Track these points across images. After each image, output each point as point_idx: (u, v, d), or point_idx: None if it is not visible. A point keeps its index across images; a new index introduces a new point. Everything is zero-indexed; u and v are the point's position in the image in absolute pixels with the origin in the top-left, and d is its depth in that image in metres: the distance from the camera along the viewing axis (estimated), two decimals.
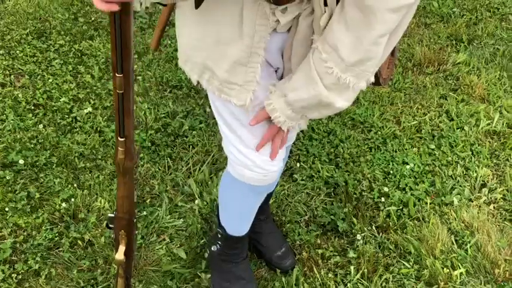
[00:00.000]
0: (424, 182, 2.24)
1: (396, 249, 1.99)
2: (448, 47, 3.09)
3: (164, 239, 1.96)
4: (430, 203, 2.15)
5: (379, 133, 2.47)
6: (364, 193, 2.18)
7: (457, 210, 2.14)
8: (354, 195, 2.16)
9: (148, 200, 2.09)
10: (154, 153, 2.29)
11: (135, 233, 1.27)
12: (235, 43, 1.19)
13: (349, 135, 2.44)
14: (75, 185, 2.12)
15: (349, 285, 1.85)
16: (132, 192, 1.18)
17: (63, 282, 1.80)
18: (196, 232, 1.98)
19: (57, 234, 1.93)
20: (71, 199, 2.05)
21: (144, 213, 2.03)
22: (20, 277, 1.80)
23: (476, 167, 2.33)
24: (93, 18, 3.12)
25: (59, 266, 1.85)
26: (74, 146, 2.27)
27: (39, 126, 2.36)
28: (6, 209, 2.00)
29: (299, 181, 2.21)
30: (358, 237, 2.00)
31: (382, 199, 2.15)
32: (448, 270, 1.90)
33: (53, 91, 2.54)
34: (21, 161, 2.17)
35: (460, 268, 1.92)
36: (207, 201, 2.08)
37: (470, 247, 1.99)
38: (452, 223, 2.09)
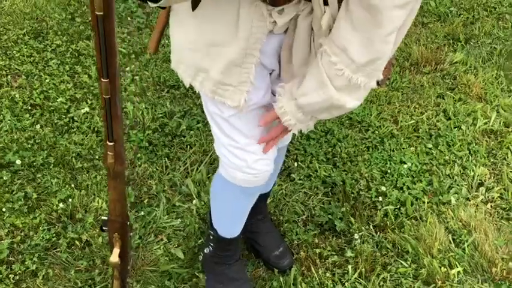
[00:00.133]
0: (421, 181, 2.25)
1: (394, 249, 1.99)
2: (445, 46, 3.09)
3: (162, 239, 1.96)
4: (427, 202, 2.16)
5: (377, 132, 2.47)
6: (361, 192, 2.18)
7: (454, 209, 2.14)
8: (352, 195, 2.16)
9: (146, 200, 2.09)
10: (152, 153, 2.28)
11: (130, 235, 1.27)
12: (230, 44, 1.18)
13: (347, 135, 2.44)
14: (73, 185, 2.11)
15: (346, 285, 1.86)
16: (123, 195, 1.17)
17: (61, 283, 1.80)
18: (194, 232, 1.98)
19: (54, 235, 1.93)
20: (68, 199, 2.05)
21: (141, 213, 2.03)
22: (18, 278, 1.80)
23: (474, 166, 2.33)
24: (90, 18, 3.11)
25: (56, 267, 1.85)
26: (71, 146, 2.26)
27: (37, 126, 2.35)
28: (3, 209, 1.99)
29: (297, 180, 2.21)
30: (356, 236, 2.01)
31: (380, 198, 2.16)
32: (445, 269, 1.91)
33: (50, 91, 2.54)
34: (18, 161, 2.17)
35: (457, 267, 1.92)
36: (205, 201, 2.08)
37: (468, 246, 2.00)
38: (450, 222, 2.09)
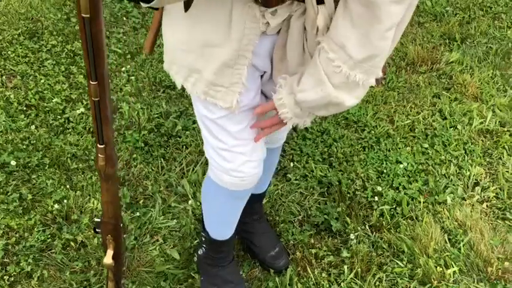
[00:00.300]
0: (417, 181, 2.25)
1: (389, 249, 1.99)
2: (441, 46, 3.09)
3: (157, 240, 1.96)
4: (423, 202, 2.16)
5: (373, 132, 2.47)
6: (357, 192, 2.18)
7: (450, 209, 2.14)
8: (348, 195, 2.16)
9: (141, 201, 2.09)
10: (148, 153, 2.28)
11: (123, 236, 1.27)
12: (223, 45, 1.18)
13: (343, 135, 2.44)
14: (68, 186, 2.11)
15: (342, 285, 1.85)
16: (116, 197, 1.16)
17: (56, 284, 1.79)
18: (190, 233, 1.98)
19: (49, 236, 1.92)
20: (64, 200, 2.04)
21: (137, 214, 2.03)
22: (12, 279, 1.79)
23: (469, 166, 2.33)
24: None
25: (51, 268, 1.84)
26: (66, 147, 2.26)
27: (32, 127, 2.34)
28: None
29: (293, 181, 2.20)
30: (352, 236, 2.01)
31: (376, 198, 2.15)
32: (441, 269, 1.91)
33: (45, 92, 2.53)
34: (13, 162, 2.16)
35: (453, 267, 1.92)
36: (201, 201, 2.07)
37: (463, 246, 2.00)
38: (446, 222, 2.09)
